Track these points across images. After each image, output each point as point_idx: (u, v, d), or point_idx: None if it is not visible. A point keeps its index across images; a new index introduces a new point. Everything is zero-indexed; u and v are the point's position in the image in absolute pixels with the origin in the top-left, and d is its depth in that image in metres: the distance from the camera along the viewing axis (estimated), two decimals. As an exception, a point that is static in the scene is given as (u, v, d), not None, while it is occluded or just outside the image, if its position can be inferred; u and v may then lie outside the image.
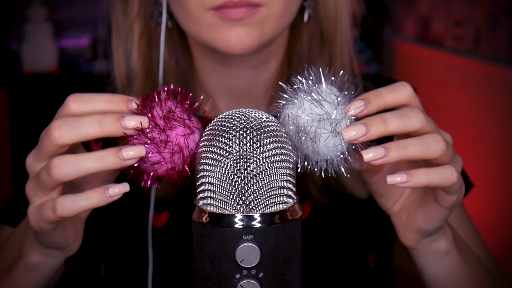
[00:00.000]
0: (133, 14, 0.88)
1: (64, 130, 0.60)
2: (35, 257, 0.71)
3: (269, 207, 0.59)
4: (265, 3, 0.78)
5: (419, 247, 0.71)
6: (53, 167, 0.60)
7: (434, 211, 0.67)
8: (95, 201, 0.61)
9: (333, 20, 0.88)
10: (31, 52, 2.82)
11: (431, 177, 0.61)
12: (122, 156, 0.60)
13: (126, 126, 0.60)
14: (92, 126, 0.60)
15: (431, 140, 0.62)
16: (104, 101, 0.62)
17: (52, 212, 0.61)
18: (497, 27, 2.43)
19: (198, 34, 0.81)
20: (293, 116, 0.62)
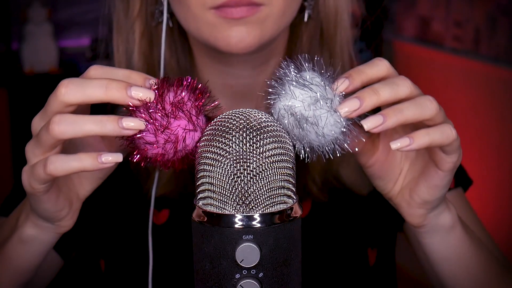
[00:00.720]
0: (134, 13, 0.88)
1: (71, 88, 0.61)
2: (28, 229, 0.71)
3: (269, 207, 0.59)
4: (266, 2, 0.79)
5: (426, 224, 0.71)
6: (52, 123, 0.60)
7: (436, 178, 0.67)
8: (86, 165, 0.60)
9: (333, 20, 0.88)
10: (32, 52, 2.82)
11: (432, 136, 0.62)
12: (122, 124, 0.60)
13: (132, 95, 0.60)
14: (98, 88, 0.60)
15: (423, 100, 0.63)
16: (123, 75, 0.63)
17: (43, 169, 0.61)
18: (497, 27, 2.43)
19: (199, 33, 0.81)
20: (288, 106, 0.62)
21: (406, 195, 0.70)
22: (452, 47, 2.67)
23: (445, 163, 0.66)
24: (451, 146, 0.64)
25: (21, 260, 0.74)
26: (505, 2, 2.38)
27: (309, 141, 0.62)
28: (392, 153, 0.71)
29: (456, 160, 0.66)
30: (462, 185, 0.95)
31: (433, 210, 0.71)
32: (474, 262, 0.77)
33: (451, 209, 0.73)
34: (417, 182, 0.69)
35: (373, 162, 0.70)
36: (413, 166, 0.71)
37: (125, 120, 0.60)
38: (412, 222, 0.71)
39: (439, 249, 0.75)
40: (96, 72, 0.63)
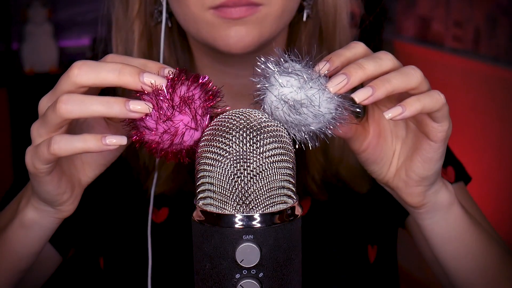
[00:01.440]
0: (133, 13, 0.88)
1: (84, 70, 0.61)
2: (29, 213, 0.70)
3: (269, 207, 0.59)
4: (265, 2, 0.79)
5: (425, 203, 0.71)
6: (59, 102, 0.60)
7: (429, 150, 0.67)
8: (90, 145, 0.60)
9: (332, 19, 0.88)
10: (32, 52, 2.83)
11: (423, 101, 0.63)
12: (129, 107, 0.60)
13: (144, 81, 0.60)
14: (112, 72, 0.60)
15: (408, 70, 0.64)
16: (139, 63, 0.63)
17: (46, 149, 0.61)
18: (497, 27, 2.43)
19: (198, 33, 0.81)
20: (279, 96, 0.62)
21: (403, 175, 0.70)
22: (452, 47, 2.67)
23: (437, 132, 0.66)
24: (441, 112, 0.65)
25: (21, 245, 0.73)
26: (505, 2, 2.39)
27: (308, 124, 0.62)
28: (383, 135, 0.71)
29: (447, 128, 0.66)
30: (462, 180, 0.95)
31: (431, 187, 0.71)
32: (475, 242, 0.77)
33: (448, 187, 0.73)
34: (412, 159, 0.69)
35: (366, 146, 0.71)
36: (405, 145, 0.71)
37: (132, 102, 0.60)
38: (412, 202, 0.71)
39: (440, 229, 0.74)
40: (113, 59, 0.63)
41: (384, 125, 0.71)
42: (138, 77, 0.60)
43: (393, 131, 0.71)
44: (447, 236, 0.75)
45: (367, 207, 0.91)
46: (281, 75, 0.62)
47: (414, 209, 0.73)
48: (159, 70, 0.62)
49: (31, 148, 0.63)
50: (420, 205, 0.72)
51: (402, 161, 0.71)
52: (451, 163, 0.95)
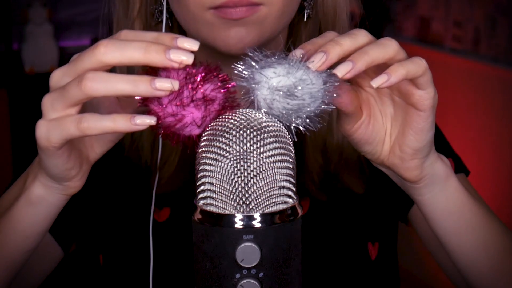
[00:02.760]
0: (134, 13, 0.88)
1: (110, 48, 0.60)
2: (36, 189, 0.70)
3: (269, 207, 0.59)
4: (265, 2, 0.78)
5: (423, 176, 0.72)
6: (86, 79, 0.59)
7: (419, 120, 0.68)
8: (120, 125, 0.60)
9: (332, 19, 0.88)
10: (32, 52, 2.83)
11: (406, 66, 0.64)
12: (155, 85, 0.59)
13: (171, 58, 0.60)
14: (138, 50, 0.60)
15: (384, 41, 0.65)
16: (152, 37, 0.62)
17: (75, 126, 0.60)
18: (497, 27, 2.43)
19: (198, 33, 0.81)
20: (271, 88, 0.62)
21: (397, 151, 0.71)
22: (452, 47, 2.67)
23: (423, 100, 0.67)
24: (425, 77, 0.65)
25: (28, 223, 0.72)
26: (505, 2, 2.39)
27: (308, 105, 0.62)
28: (374, 115, 0.71)
29: (433, 95, 0.67)
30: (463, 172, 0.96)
31: (426, 159, 0.71)
32: (475, 216, 0.77)
33: (443, 159, 0.74)
34: (403, 133, 0.70)
35: (358, 126, 0.71)
36: (395, 122, 0.71)
37: (159, 81, 0.59)
38: (410, 176, 0.71)
39: (440, 203, 0.74)
40: (126, 36, 0.63)
41: (373, 105, 0.72)
42: (164, 54, 0.60)
43: (382, 110, 0.72)
44: (446, 210, 0.75)
45: (366, 205, 0.91)
46: (263, 69, 0.62)
47: (413, 184, 0.73)
48: (172, 41, 0.61)
49: (45, 123, 0.62)
50: (419, 179, 0.72)
51: (395, 138, 0.71)
52: (450, 156, 0.95)
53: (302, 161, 0.88)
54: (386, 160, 0.72)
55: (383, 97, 0.71)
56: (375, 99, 0.71)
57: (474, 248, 0.78)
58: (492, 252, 0.79)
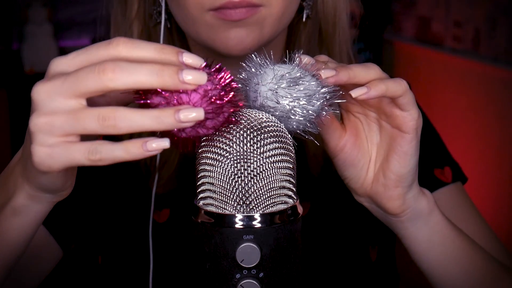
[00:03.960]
0: (132, 14, 0.88)
1: (120, 74, 0.53)
2: (23, 200, 0.65)
3: (270, 207, 0.59)
4: (265, 3, 0.78)
5: (405, 208, 0.72)
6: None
7: (403, 143, 0.69)
8: (133, 154, 0.55)
9: (332, 20, 0.88)
10: (32, 52, 2.83)
11: (387, 84, 0.65)
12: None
13: (184, 80, 0.54)
14: (150, 75, 0.53)
15: (369, 64, 0.67)
16: (154, 48, 0.56)
17: (85, 155, 0.54)
18: (497, 27, 2.43)
19: (197, 35, 0.81)
20: (276, 76, 0.63)
21: (381, 178, 0.71)
22: (452, 47, 2.67)
23: (407, 122, 0.68)
24: (406, 98, 0.67)
25: (15, 232, 0.67)
26: (505, 2, 2.39)
27: (317, 90, 0.63)
28: (359, 137, 0.72)
29: (417, 117, 0.68)
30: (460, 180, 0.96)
31: (409, 189, 0.71)
32: (457, 248, 0.77)
33: (426, 194, 0.74)
34: (388, 158, 0.71)
35: (343, 145, 0.72)
36: (380, 149, 0.72)
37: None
38: (392, 207, 0.72)
39: (422, 237, 0.75)
40: (126, 48, 0.55)
41: (359, 130, 0.73)
42: (177, 77, 0.54)
43: (368, 137, 0.73)
44: (429, 243, 0.75)
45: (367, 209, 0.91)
46: (265, 68, 0.64)
47: (396, 217, 0.73)
48: (177, 56, 0.56)
49: (43, 149, 0.55)
50: (401, 211, 0.72)
51: (379, 165, 0.72)
52: (448, 164, 0.96)
53: (303, 162, 0.88)
54: (369, 188, 0.73)
55: (371, 123, 0.72)
56: (362, 124, 0.73)
57: (457, 279, 0.78)
58: (475, 282, 0.80)
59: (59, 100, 0.54)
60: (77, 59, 0.56)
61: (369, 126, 0.72)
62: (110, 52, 0.55)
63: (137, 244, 0.88)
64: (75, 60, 0.56)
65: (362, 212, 0.91)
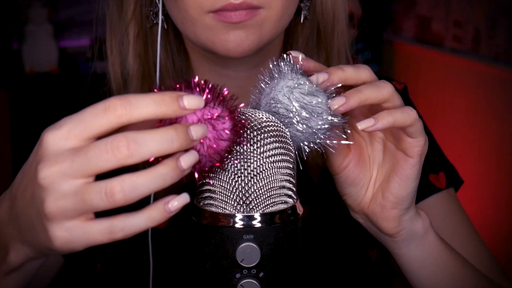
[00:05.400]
0: (128, 15, 0.87)
1: (135, 150, 0.51)
2: (19, 260, 0.62)
3: (270, 207, 0.59)
4: (265, 6, 0.78)
5: (401, 230, 0.72)
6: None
7: (406, 167, 0.69)
8: (157, 220, 0.53)
9: (331, 21, 0.88)
10: (32, 52, 2.83)
11: (395, 115, 0.65)
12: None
13: (193, 137, 0.53)
14: (166, 143, 0.52)
15: (379, 83, 0.67)
16: (154, 103, 0.53)
17: (108, 236, 0.53)
18: (497, 27, 2.43)
19: (196, 37, 0.80)
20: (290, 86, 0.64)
21: (379, 198, 0.71)
22: (452, 47, 2.67)
23: (413, 147, 0.68)
24: (414, 127, 0.66)
25: (13, 285, 0.65)
26: (505, 2, 2.39)
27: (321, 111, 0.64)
28: (362, 156, 0.72)
29: (423, 144, 0.68)
30: (453, 185, 0.96)
31: (406, 212, 0.72)
32: (449, 267, 0.78)
33: (421, 215, 0.74)
34: (389, 179, 0.71)
35: (347, 163, 0.72)
36: (381, 169, 0.72)
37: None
38: (387, 228, 0.72)
39: (416, 257, 0.75)
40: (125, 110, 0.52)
41: (363, 148, 0.73)
42: (188, 136, 0.53)
43: (371, 156, 0.73)
44: (422, 263, 0.76)
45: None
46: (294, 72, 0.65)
47: (390, 238, 0.74)
48: (177, 100, 0.53)
49: (62, 233, 0.53)
50: (396, 232, 0.72)
51: (379, 185, 0.72)
52: (442, 169, 0.96)
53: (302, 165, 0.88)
54: (367, 207, 0.73)
55: (375, 142, 0.72)
56: (366, 143, 0.73)
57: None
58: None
59: (68, 182, 0.52)
60: (74, 132, 0.52)
61: (373, 146, 0.72)
62: (111, 120, 0.52)
63: (136, 250, 0.87)
64: (73, 133, 0.52)
65: None
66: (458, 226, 0.93)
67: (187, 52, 0.90)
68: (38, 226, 0.55)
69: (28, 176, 0.55)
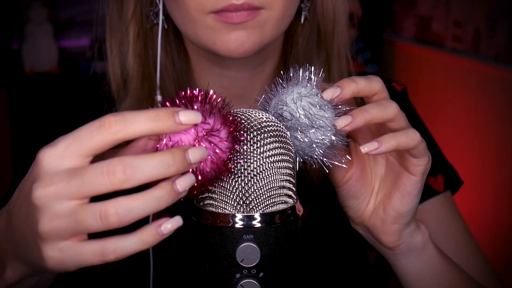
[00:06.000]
0: (128, 15, 0.87)
1: (131, 175, 0.51)
2: (16, 278, 0.61)
3: (269, 207, 0.59)
4: (266, 6, 0.78)
5: (400, 243, 0.72)
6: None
7: (408, 184, 0.69)
8: (149, 243, 0.54)
9: (331, 22, 0.88)
10: (32, 52, 2.83)
11: (398, 139, 0.65)
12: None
13: (190, 160, 0.53)
14: (163, 168, 0.52)
15: (385, 102, 0.66)
16: (149, 119, 0.53)
17: (100, 258, 0.53)
18: (497, 27, 2.43)
19: (197, 37, 0.80)
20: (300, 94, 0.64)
21: (380, 212, 0.72)
22: (452, 47, 2.67)
23: (416, 166, 0.68)
24: (418, 149, 0.66)
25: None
26: (505, 2, 2.39)
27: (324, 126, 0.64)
28: (364, 170, 0.72)
29: (426, 163, 0.68)
30: (451, 188, 0.96)
31: (407, 226, 0.72)
32: (447, 278, 0.78)
33: (421, 228, 0.75)
34: (390, 195, 0.71)
35: (349, 177, 0.72)
36: (383, 183, 0.72)
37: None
38: (387, 241, 0.72)
39: (414, 269, 0.76)
40: (119, 128, 0.52)
41: (365, 161, 0.73)
42: (186, 160, 0.53)
43: (373, 170, 0.73)
44: (420, 275, 0.76)
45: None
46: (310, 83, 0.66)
47: (389, 250, 0.74)
48: (173, 115, 0.53)
49: (55, 254, 0.53)
50: (395, 246, 0.73)
51: (380, 199, 0.72)
52: (441, 171, 0.96)
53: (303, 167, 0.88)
54: (368, 220, 0.73)
55: (378, 156, 0.72)
56: (369, 157, 0.73)
57: None
58: None
59: (62, 203, 0.52)
60: (70, 150, 0.52)
61: (376, 160, 0.73)
62: (106, 137, 0.52)
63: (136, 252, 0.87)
64: (68, 151, 0.52)
65: None
66: (454, 232, 0.93)
67: (187, 52, 0.90)
68: (32, 245, 0.55)
69: (23, 195, 0.55)
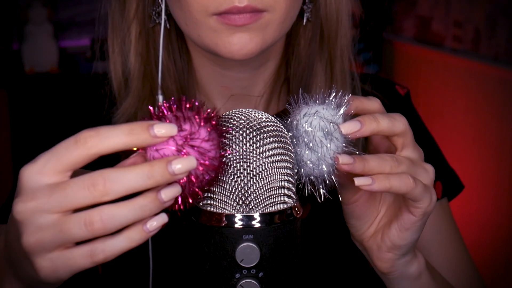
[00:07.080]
0: (130, 14, 0.87)
1: (111, 188, 0.53)
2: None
3: (269, 207, 0.59)
4: (269, 9, 0.78)
5: (393, 271, 0.72)
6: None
7: (408, 222, 0.69)
8: (136, 241, 0.55)
9: (335, 24, 0.88)
10: (32, 52, 2.83)
11: (391, 182, 0.64)
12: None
13: (174, 172, 0.53)
14: (142, 180, 0.53)
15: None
16: (123, 134, 0.54)
17: (89, 259, 0.55)
18: (497, 27, 2.43)
19: (199, 38, 0.80)
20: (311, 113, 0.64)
21: (378, 238, 0.72)
22: (452, 47, 2.67)
23: (415, 208, 0.68)
24: (412, 194, 0.66)
25: None
26: (505, 2, 2.39)
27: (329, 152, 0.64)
28: (373, 195, 0.72)
29: (426, 206, 0.67)
30: (449, 194, 0.96)
31: (402, 257, 0.72)
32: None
33: (418, 258, 0.74)
34: (390, 225, 0.70)
35: (357, 198, 0.72)
36: (389, 210, 0.72)
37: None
38: (380, 267, 0.72)
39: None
40: (94, 142, 0.54)
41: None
42: (168, 171, 0.53)
43: (382, 196, 0.73)
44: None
45: None
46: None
47: (382, 274, 0.74)
48: (148, 129, 0.54)
49: (46, 263, 0.54)
50: (388, 272, 0.73)
51: (382, 225, 0.72)
52: (440, 178, 0.96)
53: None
54: (366, 241, 0.73)
55: None
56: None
57: None
58: None
59: (45, 216, 0.54)
60: (48, 165, 0.54)
61: None
62: (81, 152, 0.53)
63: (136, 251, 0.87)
64: (47, 167, 0.54)
65: None
66: (447, 242, 0.94)
67: (189, 52, 0.90)
68: (23, 260, 0.56)
69: (11, 212, 0.57)
